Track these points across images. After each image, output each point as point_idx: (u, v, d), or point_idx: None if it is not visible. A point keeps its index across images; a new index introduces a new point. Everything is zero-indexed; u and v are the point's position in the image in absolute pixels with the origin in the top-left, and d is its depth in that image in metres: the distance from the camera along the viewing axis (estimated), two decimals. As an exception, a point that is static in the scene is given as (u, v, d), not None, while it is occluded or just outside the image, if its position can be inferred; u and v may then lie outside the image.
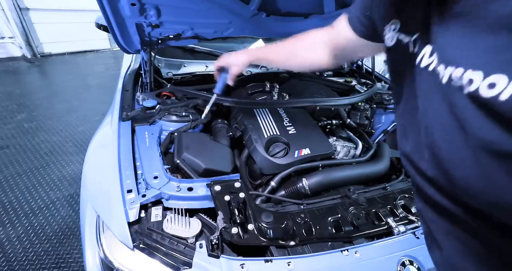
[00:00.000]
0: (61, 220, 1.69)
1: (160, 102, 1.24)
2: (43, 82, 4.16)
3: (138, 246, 0.68)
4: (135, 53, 1.39)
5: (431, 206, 0.38)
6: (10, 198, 1.82)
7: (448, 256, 0.39)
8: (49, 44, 5.18)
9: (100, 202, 0.80)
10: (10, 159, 2.21)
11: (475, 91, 0.26)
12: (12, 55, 4.78)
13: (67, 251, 1.50)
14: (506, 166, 0.26)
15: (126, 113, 1.12)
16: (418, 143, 0.38)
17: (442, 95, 0.31)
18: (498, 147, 0.26)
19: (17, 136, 2.55)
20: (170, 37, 1.28)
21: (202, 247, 0.68)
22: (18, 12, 4.56)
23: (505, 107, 0.24)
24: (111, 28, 1.07)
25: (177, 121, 1.16)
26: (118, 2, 0.95)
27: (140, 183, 0.83)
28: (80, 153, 2.33)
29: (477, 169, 0.29)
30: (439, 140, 0.33)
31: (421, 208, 0.42)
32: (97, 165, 0.96)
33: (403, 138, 0.43)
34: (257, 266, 0.65)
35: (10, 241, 1.53)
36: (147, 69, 1.38)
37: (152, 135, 1.05)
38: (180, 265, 0.65)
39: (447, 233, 0.37)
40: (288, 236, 0.74)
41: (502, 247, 0.32)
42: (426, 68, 0.34)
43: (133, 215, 0.72)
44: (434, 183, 0.36)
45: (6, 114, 2.91)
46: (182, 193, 0.79)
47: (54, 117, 2.94)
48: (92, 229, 0.75)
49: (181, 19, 1.15)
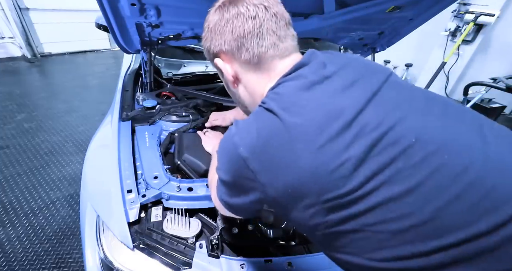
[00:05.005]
0: (61, 220, 1.69)
1: (160, 102, 1.24)
2: (43, 82, 4.16)
3: (138, 246, 0.68)
4: (135, 53, 1.39)
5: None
6: (10, 198, 1.82)
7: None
8: (49, 44, 5.18)
9: (100, 202, 0.80)
10: (10, 159, 2.21)
11: None
12: (12, 55, 4.78)
13: (67, 251, 1.50)
14: None
15: (126, 113, 1.12)
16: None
17: None
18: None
19: (17, 136, 2.54)
20: (170, 37, 1.28)
21: (202, 247, 0.68)
22: (18, 12, 4.56)
23: None
24: (111, 28, 1.07)
25: (177, 121, 1.16)
26: (118, 2, 0.95)
27: (140, 183, 0.83)
28: (80, 153, 2.33)
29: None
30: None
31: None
32: (97, 165, 0.96)
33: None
34: (257, 266, 0.65)
35: (10, 241, 1.53)
36: (147, 69, 1.38)
37: (152, 135, 1.05)
38: (180, 265, 0.65)
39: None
40: (288, 236, 0.74)
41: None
42: None
43: (133, 215, 0.72)
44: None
45: (6, 114, 2.91)
46: (182, 193, 0.79)
47: (54, 117, 2.94)
48: (92, 229, 0.75)
49: (181, 19, 1.15)
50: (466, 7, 3.19)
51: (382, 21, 1.32)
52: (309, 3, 1.18)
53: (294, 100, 0.45)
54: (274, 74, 0.54)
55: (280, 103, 0.46)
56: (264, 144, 0.43)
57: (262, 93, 0.55)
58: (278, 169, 0.42)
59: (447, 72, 3.46)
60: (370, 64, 0.55)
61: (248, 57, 0.53)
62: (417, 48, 3.88)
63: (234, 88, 0.62)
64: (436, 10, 1.20)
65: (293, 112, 0.43)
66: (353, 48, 1.73)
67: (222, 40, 0.54)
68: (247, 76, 0.57)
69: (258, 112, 0.48)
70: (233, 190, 0.50)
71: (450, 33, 3.36)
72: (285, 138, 0.42)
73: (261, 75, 0.55)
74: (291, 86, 0.48)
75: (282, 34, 0.53)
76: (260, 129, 0.45)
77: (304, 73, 0.49)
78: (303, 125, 0.42)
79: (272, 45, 0.52)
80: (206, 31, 0.57)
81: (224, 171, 0.49)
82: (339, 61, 0.52)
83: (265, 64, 0.54)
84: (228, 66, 0.56)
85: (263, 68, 0.54)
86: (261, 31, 0.51)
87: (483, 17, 2.96)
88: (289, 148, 0.42)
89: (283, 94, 0.47)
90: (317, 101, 0.44)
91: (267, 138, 0.43)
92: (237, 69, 0.57)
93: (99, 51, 5.83)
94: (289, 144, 0.42)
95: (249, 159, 0.44)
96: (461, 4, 3.22)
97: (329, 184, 0.40)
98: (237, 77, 0.58)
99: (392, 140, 0.40)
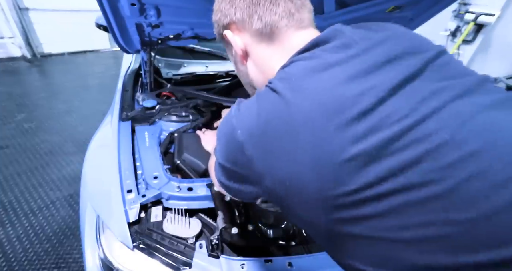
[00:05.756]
0: (61, 220, 1.69)
1: (160, 102, 1.24)
2: (43, 82, 4.16)
3: (138, 246, 0.68)
4: (135, 53, 1.39)
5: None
6: (10, 198, 1.82)
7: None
8: (49, 44, 5.17)
9: (100, 202, 0.80)
10: (10, 159, 2.21)
11: None
12: (12, 55, 4.78)
13: (67, 251, 1.50)
14: None
15: (126, 113, 1.12)
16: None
17: None
18: None
19: (17, 136, 2.54)
20: (170, 37, 1.28)
21: (202, 247, 0.68)
22: (18, 12, 4.55)
23: None
24: (111, 28, 1.07)
25: (177, 121, 1.16)
26: (118, 2, 0.95)
27: (140, 183, 0.83)
28: (80, 153, 2.33)
29: None
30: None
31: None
32: (97, 165, 0.96)
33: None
34: (257, 266, 0.65)
35: (10, 241, 1.53)
36: (147, 69, 1.38)
37: (152, 135, 1.05)
38: (180, 265, 0.65)
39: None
40: (288, 236, 0.74)
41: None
42: None
43: (133, 215, 0.72)
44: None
45: (6, 114, 2.91)
46: (182, 193, 0.79)
47: (54, 117, 2.94)
48: (92, 229, 0.75)
49: (181, 19, 1.15)
50: (466, 7, 3.19)
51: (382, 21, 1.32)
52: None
53: (305, 82, 0.39)
54: (288, 48, 0.49)
55: (288, 84, 0.40)
56: (263, 128, 0.39)
57: (273, 71, 0.49)
58: (276, 157, 0.38)
59: (447, 72, 3.45)
60: (416, 40, 0.46)
61: (260, 26, 0.49)
62: (417, 48, 3.87)
63: (243, 65, 0.57)
64: (436, 10, 1.20)
65: (301, 95, 0.38)
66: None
67: (232, 9, 0.50)
68: (257, 49, 0.52)
69: (263, 92, 0.43)
70: (230, 175, 0.47)
71: (450, 33, 3.36)
72: (287, 122, 0.37)
73: (273, 48, 0.51)
74: (304, 66, 0.42)
75: (298, 2, 0.49)
76: (261, 110, 0.40)
77: (321, 53, 0.43)
78: (309, 110, 0.36)
79: (287, 14, 0.48)
80: (216, 2, 0.54)
81: (221, 154, 0.46)
82: (375, 37, 0.44)
83: (279, 35, 0.49)
84: (237, 38, 0.52)
85: (276, 40, 0.50)
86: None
87: (483, 17, 2.96)
88: (290, 134, 0.36)
89: (293, 74, 0.41)
90: (331, 84, 0.38)
91: (267, 120, 0.38)
92: (247, 41, 0.52)
93: (99, 51, 5.82)
94: (291, 130, 0.36)
95: (245, 143, 0.40)
96: (461, 4, 3.22)
97: (333, 179, 0.34)
98: (246, 51, 0.54)
99: (419, 136, 0.33)
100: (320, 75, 0.39)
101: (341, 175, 0.34)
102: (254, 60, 0.54)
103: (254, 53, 0.53)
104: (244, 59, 0.56)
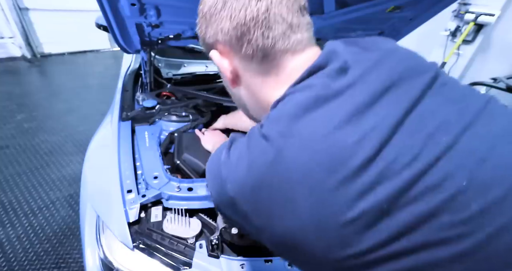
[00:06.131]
0: (61, 220, 1.69)
1: (160, 102, 1.24)
2: (43, 82, 4.16)
3: (138, 246, 0.68)
4: (135, 53, 1.39)
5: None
6: (9, 198, 1.82)
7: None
8: (49, 44, 5.17)
9: (100, 202, 0.80)
10: (10, 159, 2.21)
11: None
12: (12, 55, 4.77)
13: (67, 251, 1.50)
14: None
15: (126, 113, 1.12)
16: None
17: None
18: None
19: (17, 136, 2.54)
20: (170, 37, 1.28)
21: (202, 247, 0.68)
22: (18, 12, 4.55)
23: None
24: (111, 28, 1.07)
25: (177, 121, 1.15)
26: (118, 2, 0.95)
27: (140, 183, 0.83)
28: (80, 153, 2.33)
29: None
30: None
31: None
32: (97, 165, 0.96)
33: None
34: (257, 266, 0.65)
35: (10, 241, 1.53)
36: (147, 69, 1.38)
37: (152, 135, 1.05)
38: (180, 265, 0.65)
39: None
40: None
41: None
42: None
43: (133, 215, 0.72)
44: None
45: (6, 114, 2.91)
46: (182, 193, 0.79)
47: (54, 117, 2.94)
48: (92, 229, 0.75)
49: (181, 19, 1.15)
50: (466, 7, 3.19)
51: (382, 21, 1.32)
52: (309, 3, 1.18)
53: (298, 125, 0.34)
54: (284, 76, 0.43)
55: (280, 127, 0.35)
56: (255, 185, 0.34)
57: (268, 101, 0.43)
58: (273, 215, 0.34)
59: (447, 72, 3.45)
60: (410, 59, 0.41)
61: (251, 51, 0.42)
62: (417, 48, 3.83)
63: (233, 89, 0.51)
64: (436, 10, 1.20)
65: (294, 143, 0.33)
66: (353, 48, 1.73)
67: (218, 29, 0.42)
68: (249, 75, 0.45)
69: (253, 137, 0.37)
70: (227, 217, 0.43)
71: (450, 33, 3.35)
72: (282, 179, 0.32)
73: (267, 75, 0.44)
74: (297, 102, 0.36)
75: (294, 21, 0.41)
76: (252, 163, 0.35)
77: (316, 83, 0.38)
78: (306, 164, 0.31)
79: (282, 36, 0.41)
80: (200, 16, 0.46)
81: (214, 200, 0.42)
82: (368, 58, 0.40)
83: (273, 61, 0.43)
84: (225, 62, 0.45)
85: (270, 66, 0.43)
86: (267, 18, 0.39)
87: (483, 17, 2.96)
88: (286, 192, 0.32)
89: (286, 114, 0.36)
90: (327, 129, 0.32)
91: (259, 177, 0.34)
92: (237, 65, 0.46)
93: (99, 51, 5.82)
94: (287, 187, 0.32)
95: (237, 199, 0.36)
96: (461, 4, 3.22)
97: (339, 241, 0.30)
98: (237, 74, 0.47)
99: (432, 183, 0.29)
100: (315, 114, 0.34)
101: (348, 236, 0.30)
102: (247, 86, 0.48)
103: (246, 79, 0.47)
104: (234, 84, 0.49)
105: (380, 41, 0.47)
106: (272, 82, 0.44)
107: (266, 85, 0.45)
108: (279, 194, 0.33)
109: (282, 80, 0.43)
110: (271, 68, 0.43)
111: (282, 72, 0.43)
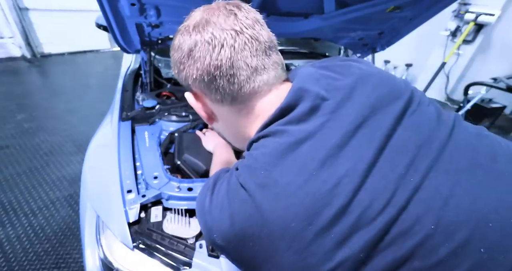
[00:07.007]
0: (61, 220, 1.69)
1: (160, 102, 1.24)
2: (43, 82, 4.16)
3: (138, 246, 0.68)
4: (135, 53, 1.39)
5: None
6: (9, 198, 1.82)
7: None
8: (49, 44, 5.17)
9: (100, 202, 0.80)
10: (10, 159, 2.21)
11: None
12: (12, 55, 4.77)
13: (67, 251, 1.50)
14: None
15: (126, 113, 1.12)
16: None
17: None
18: None
19: (17, 136, 2.54)
20: (170, 37, 1.28)
21: (202, 247, 0.68)
22: (18, 12, 4.55)
23: None
24: (111, 28, 1.07)
25: (177, 121, 1.15)
26: (118, 2, 0.95)
27: (140, 183, 0.83)
28: (80, 153, 2.33)
29: None
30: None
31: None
32: (97, 165, 0.96)
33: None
34: (257, 266, 0.65)
35: (9, 241, 1.53)
36: (147, 69, 1.38)
37: (152, 135, 1.05)
38: (180, 265, 0.65)
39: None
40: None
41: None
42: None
43: (133, 215, 0.72)
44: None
45: (6, 114, 2.91)
46: (182, 193, 0.79)
47: (54, 117, 2.94)
48: (92, 229, 0.75)
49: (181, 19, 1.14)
50: (466, 7, 3.19)
51: (382, 21, 1.32)
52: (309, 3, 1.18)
53: (274, 174, 0.35)
54: (253, 118, 0.45)
55: (255, 177, 0.36)
56: (238, 238, 0.36)
57: (246, 135, 0.46)
58: (260, 263, 0.35)
59: (447, 72, 3.46)
60: (384, 86, 0.41)
61: (219, 96, 0.43)
62: (417, 48, 3.88)
63: (211, 124, 0.53)
64: (436, 10, 1.20)
65: (271, 195, 0.34)
66: (353, 48, 1.73)
67: (188, 75, 0.44)
68: (223, 114, 0.48)
69: (233, 186, 0.39)
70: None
71: (450, 33, 3.36)
72: (262, 233, 0.34)
73: (239, 115, 0.46)
74: (269, 147, 0.38)
75: (259, 64, 0.41)
76: (233, 215, 0.36)
77: (288, 127, 0.38)
78: (284, 217, 0.33)
79: (247, 80, 0.41)
80: (172, 62, 0.47)
81: (206, 239, 0.44)
82: (343, 85, 0.40)
83: (242, 103, 0.44)
84: (199, 104, 0.48)
85: (239, 108, 0.45)
86: (231, 66, 0.40)
87: (483, 17, 2.96)
88: (268, 246, 0.34)
89: (260, 161, 0.37)
90: (302, 176, 0.33)
91: (241, 231, 0.35)
92: (211, 106, 0.48)
93: (99, 51, 5.82)
94: (268, 242, 0.33)
95: (225, 248, 0.38)
96: (461, 4, 3.22)
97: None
98: (212, 112, 0.49)
99: (404, 228, 0.30)
100: (289, 161, 0.35)
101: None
102: (223, 122, 0.50)
103: (221, 117, 0.49)
104: (211, 120, 0.51)
105: (354, 65, 0.47)
106: (244, 121, 0.46)
107: (241, 123, 0.47)
108: (261, 247, 0.34)
109: (252, 120, 0.45)
110: (241, 110, 0.45)
111: (252, 113, 0.45)
